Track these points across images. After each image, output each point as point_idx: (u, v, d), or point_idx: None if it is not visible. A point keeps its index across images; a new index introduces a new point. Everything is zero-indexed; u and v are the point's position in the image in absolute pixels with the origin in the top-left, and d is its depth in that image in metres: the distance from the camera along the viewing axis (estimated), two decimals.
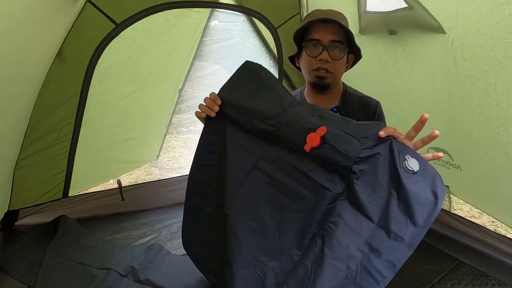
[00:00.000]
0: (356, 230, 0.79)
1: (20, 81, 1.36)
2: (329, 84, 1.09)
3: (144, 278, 1.44)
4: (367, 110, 1.13)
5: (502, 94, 1.20)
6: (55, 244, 1.65)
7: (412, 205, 0.74)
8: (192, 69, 2.36)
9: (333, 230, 0.81)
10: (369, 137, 0.82)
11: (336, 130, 0.85)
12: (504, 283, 1.40)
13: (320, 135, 0.84)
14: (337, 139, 0.83)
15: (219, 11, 2.16)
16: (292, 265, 0.85)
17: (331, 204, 0.84)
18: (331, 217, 0.83)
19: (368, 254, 0.77)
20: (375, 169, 0.80)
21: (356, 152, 0.81)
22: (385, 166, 0.79)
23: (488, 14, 1.11)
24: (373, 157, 0.80)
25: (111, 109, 1.97)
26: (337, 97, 1.16)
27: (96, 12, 1.62)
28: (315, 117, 0.89)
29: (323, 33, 1.05)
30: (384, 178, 0.78)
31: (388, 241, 0.76)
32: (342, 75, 1.14)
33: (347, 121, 0.89)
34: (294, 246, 0.87)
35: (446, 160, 1.63)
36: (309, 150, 0.86)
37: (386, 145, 0.80)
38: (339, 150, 0.82)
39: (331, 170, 0.85)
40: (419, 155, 0.79)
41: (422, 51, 1.46)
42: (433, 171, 0.77)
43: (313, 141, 0.85)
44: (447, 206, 1.77)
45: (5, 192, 1.69)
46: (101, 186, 2.26)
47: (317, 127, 0.85)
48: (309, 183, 0.87)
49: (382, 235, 0.77)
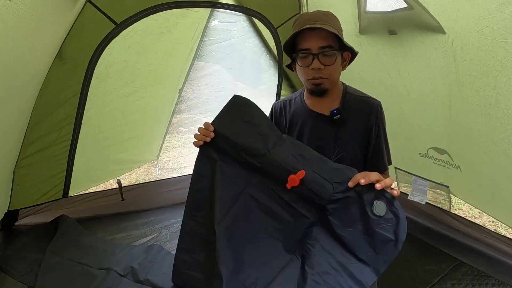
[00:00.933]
0: (330, 251, 0.95)
1: (20, 81, 1.36)
2: (327, 89, 1.09)
3: (144, 278, 1.44)
4: (368, 110, 1.12)
5: (502, 94, 1.20)
6: (55, 244, 1.65)
7: (375, 241, 0.91)
8: (192, 69, 2.36)
9: (311, 251, 0.96)
10: (341, 182, 0.96)
11: (313, 173, 0.98)
12: (504, 283, 1.40)
13: (299, 178, 0.98)
14: (313, 183, 0.97)
15: (219, 11, 2.16)
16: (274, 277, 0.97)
17: (308, 229, 1.00)
18: (309, 240, 0.98)
19: (341, 272, 0.92)
20: (345, 209, 0.95)
21: (328, 195, 0.96)
22: (355, 207, 0.93)
23: (488, 14, 1.11)
24: (343, 199, 0.95)
25: (111, 109, 1.98)
26: (337, 99, 1.15)
27: (96, 12, 1.63)
28: (295, 158, 1.02)
29: (311, 41, 1.02)
30: (353, 217, 0.93)
31: (357, 263, 0.92)
32: (339, 76, 1.13)
33: (324, 162, 1.02)
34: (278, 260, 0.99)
35: (446, 160, 1.63)
36: (290, 188, 0.99)
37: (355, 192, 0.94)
38: (314, 192, 0.97)
39: (308, 203, 1.00)
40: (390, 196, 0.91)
41: (422, 51, 1.47)
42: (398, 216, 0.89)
43: (293, 181, 0.98)
44: (447, 206, 1.77)
45: (5, 192, 1.69)
46: (101, 186, 2.26)
47: (297, 170, 0.99)
48: (290, 210, 1.02)
49: (352, 258, 0.93)
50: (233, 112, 1.08)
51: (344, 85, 1.18)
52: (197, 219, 1.12)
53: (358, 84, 1.23)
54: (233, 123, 1.07)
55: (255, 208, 1.05)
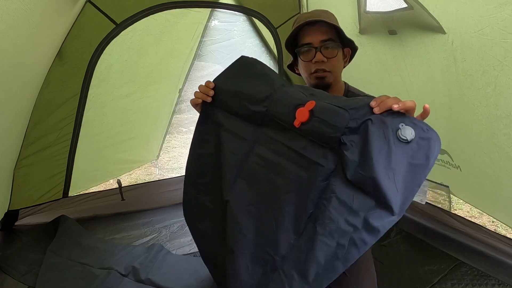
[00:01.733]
0: (347, 203, 0.78)
1: (20, 81, 1.36)
2: (330, 83, 1.09)
3: (145, 277, 1.44)
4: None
5: (502, 94, 1.20)
6: (55, 244, 1.65)
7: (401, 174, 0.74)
8: (192, 69, 2.36)
9: (326, 207, 0.80)
10: (358, 108, 0.81)
11: (324, 103, 0.85)
12: (504, 283, 1.40)
13: (309, 109, 0.85)
14: (325, 112, 0.84)
15: (219, 11, 2.16)
16: (288, 249, 0.85)
17: (325, 181, 0.83)
18: (325, 194, 0.82)
19: (359, 228, 0.75)
20: (365, 139, 0.78)
21: (344, 122, 0.81)
22: (376, 135, 0.77)
23: (488, 14, 1.11)
24: (362, 125, 0.79)
25: (111, 109, 1.98)
26: None
27: (96, 12, 1.63)
28: (305, 95, 0.90)
29: (312, 35, 1.05)
30: (374, 148, 0.76)
31: (378, 211, 0.75)
32: (341, 71, 1.14)
33: (338, 98, 0.90)
34: (290, 231, 0.86)
35: (446, 160, 1.63)
36: (299, 125, 0.86)
37: (375, 115, 0.78)
38: (327, 122, 0.83)
39: (323, 146, 0.85)
40: (416, 120, 0.77)
41: (422, 51, 1.46)
42: (430, 136, 0.75)
43: (302, 115, 0.85)
44: (447, 206, 1.77)
45: (5, 192, 1.69)
46: (101, 186, 2.26)
47: (305, 102, 0.86)
48: (301, 161, 0.87)
49: (372, 204, 0.76)
50: (238, 70, 1.02)
51: (346, 84, 1.19)
52: (199, 187, 1.05)
53: (358, 84, 1.23)
54: (237, 78, 1.00)
55: (263, 169, 0.92)
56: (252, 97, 0.96)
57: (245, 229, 0.91)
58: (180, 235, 1.86)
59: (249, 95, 0.96)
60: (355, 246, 0.76)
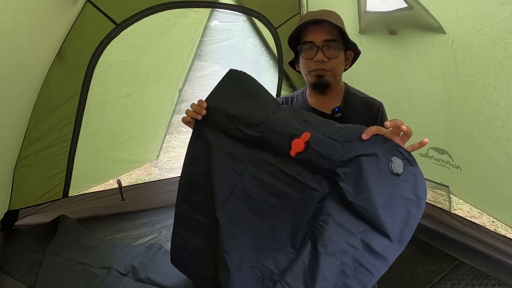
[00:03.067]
0: (346, 226, 0.83)
1: (20, 81, 1.36)
2: (329, 83, 1.09)
3: (145, 276, 1.44)
4: (370, 111, 1.12)
5: (502, 94, 1.20)
6: (55, 244, 1.65)
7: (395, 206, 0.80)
8: (192, 69, 2.36)
9: (324, 228, 0.85)
10: (351, 140, 0.86)
11: (319, 135, 0.89)
12: (504, 283, 1.40)
13: (304, 141, 0.88)
14: (320, 144, 0.87)
15: (219, 11, 2.16)
16: (288, 263, 0.88)
17: (319, 204, 0.89)
18: (321, 216, 0.87)
19: (359, 249, 0.81)
20: (358, 171, 0.83)
21: (338, 155, 0.85)
22: (369, 168, 0.82)
23: (488, 14, 1.11)
24: (356, 159, 0.84)
25: (111, 109, 1.97)
26: (339, 98, 1.16)
27: (96, 12, 1.63)
28: (299, 122, 0.93)
29: (315, 34, 1.05)
30: (368, 180, 0.81)
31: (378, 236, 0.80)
32: (341, 73, 1.14)
33: (330, 124, 0.94)
34: (288, 245, 0.90)
35: (446, 160, 1.63)
36: (295, 155, 0.90)
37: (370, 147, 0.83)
38: (322, 154, 0.87)
39: (316, 173, 0.89)
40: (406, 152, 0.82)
41: (422, 51, 1.46)
42: (416, 172, 0.82)
43: (298, 146, 0.89)
44: (447, 206, 1.77)
45: (5, 192, 1.69)
46: (101, 186, 2.26)
47: (301, 133, 0.89)
48: (297, 184, 0.91)
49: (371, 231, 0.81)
50: (228, 86, 1.02)
51: (346, 85, 1.19)
52: (191, 203, 1.07)
53: (358, 84, 1.23)
54: (229, 97, 1.01)
55: (258, 189, 0.96)
56: (245, 120, 0.98)
57: (240, 245, 0.94)
58: None
59: (243, 118, 0.98)
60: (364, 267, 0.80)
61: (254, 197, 0.96)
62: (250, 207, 0.96)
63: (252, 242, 0.94)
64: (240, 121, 0.98)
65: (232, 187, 0.98)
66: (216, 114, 1.00)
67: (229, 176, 0.99)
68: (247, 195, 0.97)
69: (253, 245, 0.93)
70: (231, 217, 0.96)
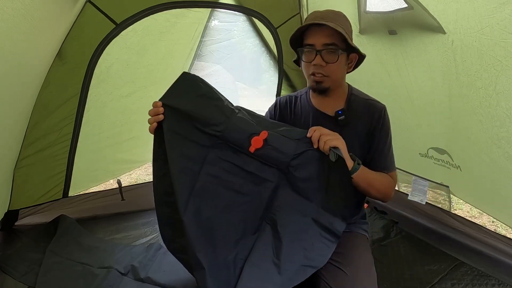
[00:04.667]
0: (299, 208, 1.00)
1: (20, 81, 1.36)
2: (327, 88, 1.08)
3: (145, 276, 1.44)
4: (372, 113, 1.12)
5: (502, 94, 1.21)
6: (55, 244, 1.65)
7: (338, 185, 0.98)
8: (192, 69, 2.36)
9: (280, 212, 1.01)
10: (299, 139, 1.02)
11: (274, 133, 1.03)
12: (504, 283, 1.40)
13: (263, 138, 1.01)
14: (276, 141, 1.02)
15: (219, 11, 2.16)
16: (250, 249, 0.99)
17: (274, 192, 1.03)
18: (276, 202, 1.02)
19: (313, 227, 0.97)
20: (307, 162, 1.00)
21: (292, 150, 1.01)
22: (315, 159, 0.99)
23: (488, 14, 1.11)
24: (305, 152, 1.00)
25: (111, 109, 1.97)
26: (342, 100, 1.15)
27: (96, 12, 1.63)
28: (254, 123, 1.05)
29: (316, 37, 1.04)
30: (314, 168, 1.00)
31: (325, 214, 0.98)
32: (343, 77, 1.13)
33: (278, 125, 1.08)
34: (249, 233, 1.01)
35: (446, 160, 1.63)
36: (254, 150, 1.02)
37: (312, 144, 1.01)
38: (279, 149, 1.01)
39: (271, 166, 1.03)
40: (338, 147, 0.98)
41: (422, 51, 1.47)
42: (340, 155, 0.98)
43: (257, 143, 1.01)
44: (447, 206, 1.77)
45: (5, 192, 1.69)
46: (101, 186, 2.26)
47: (259, 132, 1.02)
48: (253, 178, 1.03)
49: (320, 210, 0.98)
50: (183, 87, 1.05)
51: (350, 87, 1.18)
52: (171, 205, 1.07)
53: (358, 84, 1.23)
54: (184, 98, 1.04)
55: (216, 186, 1.03)
56: (203, 121, 1.03)
57: (208, 242, 0.99)
58: None
59: (201, 118, 1.03)
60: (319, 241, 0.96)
61: (212, 194, 1.02)
62: (211, 204, 1.02)
63: (219, 237, 1.00)
64: (198, 121, 1.03)
65: (191, 187, 1.01)
66: (172, 114, 1.03)
67: (186, 177, 1.02)
68: (206, 193, 1.02)
69: (221, 239, 1.00)
70: (195, 217, 0.99)
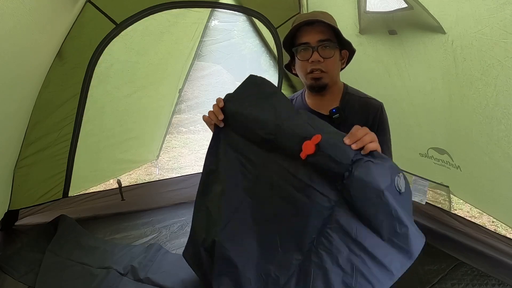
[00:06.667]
0: (351, 234, 0.81)
1: (20, 81, 1.36)
2: (326, 84, 1.09)
3: (144, 276, 1.44)
4: (368, 111, 1.12)
5: (502, 94, 1.20)
6: (55, 244, 1.65)
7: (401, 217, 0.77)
8: (192, 69, 2.36)
9: (332, 236, 0.84)
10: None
11: (330, 138, 0.87)
12: (504, 283, 1.39)
13: (315, 143, 0.86)
14: (330, 147, 0.86)
15: (219, 11, 2.16)
16: (292, 270, 0.89)
17: (329, 210, 0.87)
18: (330, 224, 0.86)
19: (363, 259, 0.79)
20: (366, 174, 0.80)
21: (347, 159, 0.82)
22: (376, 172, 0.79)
23: (488, 14, 1.11)
24: (364, 164, 0.81)
25: (111, 109, 1.97)
26: (337, 98, 1.15)
27: (96, 12, 1.62)
28: (311, 125, 0.93)
29: (310, 35, 1.06)
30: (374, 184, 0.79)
31: (383, 245, 0.78)
32: (338, 73, 1.14)
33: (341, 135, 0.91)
34: (294, 251, 0.90)
35: (446, 160, 1.63)
36: (305, 157, 0.88)
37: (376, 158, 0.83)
38: (333, 157, 0.84)
39: (327, 178, 0.88)
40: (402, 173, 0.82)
41: (422, 51, 1.46)
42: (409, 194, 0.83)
43: (308, 148, 0.87)
44: (447, 206, 1.77)
45: (5, 192, 1.69)
46: (101, 186, 2.26)
47: (312, 136, 0.88)
48: (306, 190, 0.90)
49: (377, 239, 0.79)
50: (247, 91, 1.06)
51: (345, 86, 1.18)
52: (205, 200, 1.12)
53: (358, 84, 1.23)
54: (246, 100, 1.04)
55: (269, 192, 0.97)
56: (260, 124, 0.99)
57: (249, 246, 0.96)
58: (180, 235, 1.86)
59: (258, 121, 1.00)
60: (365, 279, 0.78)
61: (266, 201, 0.97)
62: (261, 211, 0.97)
63: (259, 245, 0.95)
64: (255, 124, 1.00)
65: (246, 189, 1.00)
66: (233, 115, 1.04)
67: (243, 178, 1.01)
68: (259, 198, 0.98)
69: (261, 248, 0.95)
70: (243, 219, 0.98)
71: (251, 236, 0.97)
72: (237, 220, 0.99)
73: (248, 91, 1.05)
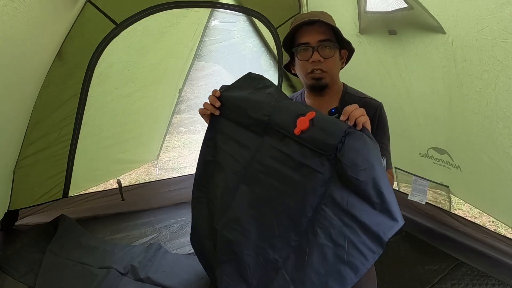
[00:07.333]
0: (343, 206, 0.84)
1: (20, 81, 1.36)
2: (327, 84, 1.09)
3: (144, 276, 1.44)
4: (367, 111, 1.12)
5: (501, 94, 1.20)
6: (55, 244, 1.65)
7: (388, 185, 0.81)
8: (192, 69, 2.36)
9: (325, 211, 0.86)
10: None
11: (324, 115, 0.93)
12: (504, 283, 1.40)
13: (309, 118, 0.90)
14: (323, 121, 0.90)
15: (219, 11, 2.16)
16: (290, 251, 0.90)
17: (323, 187, 0.89)
18: (324, 199, 0.88)
19: (354, 228, 0.81)
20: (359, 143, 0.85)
21: (341, 131, 0.86)
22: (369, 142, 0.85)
23: (488, 14, 1.11)
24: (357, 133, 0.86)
25: (111, 109, 1.97)
26: (336, 98, 1.16)
27: (96, 12, 1.62)
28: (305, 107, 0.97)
29: (310, 35, 1.06)
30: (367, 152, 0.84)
31: (373, 213, 0.81)
32: (338, 72, 1.14)
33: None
34: (290, 232, 0.91)
35: (446, 160, 1.63)
36: (299, 133, 0.91)
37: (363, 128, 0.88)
38: (327, 130, 0.88)
39: (320, 154, 0.90)
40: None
41: (422, 51, 1.46)
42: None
43: (303, 124, 0.91)
44: (447, 206, 1.77)
45: (5, 192, 1.69)
46: (101, 186, 2.26)
47: (306, 112, 0.92)
48: (301, 168, 0.92)
49: (367, 207, 0.81)
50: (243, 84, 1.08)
51: (345, 86, 1.19)
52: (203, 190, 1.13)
53: (358, 84, 1.23)
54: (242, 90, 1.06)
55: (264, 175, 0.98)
56: (255, 107, 1.02)
57: (246, 231, 0.97)
58: (180, 235, 1.86)
59: (253, 104, 1.03)
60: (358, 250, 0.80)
61: (261, 184, 0.98)
62: (257, 194, 0.99)
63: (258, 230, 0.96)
64: (249, 107, 1.02)
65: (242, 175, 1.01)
66: (228, 103, 1.06)
67: (239, 164, 1.03)
68: (254, 182, 0.99)
69: (258, 232, 0.96)
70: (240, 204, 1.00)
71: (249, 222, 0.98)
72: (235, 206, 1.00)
73: (245, 83, 1.08)
